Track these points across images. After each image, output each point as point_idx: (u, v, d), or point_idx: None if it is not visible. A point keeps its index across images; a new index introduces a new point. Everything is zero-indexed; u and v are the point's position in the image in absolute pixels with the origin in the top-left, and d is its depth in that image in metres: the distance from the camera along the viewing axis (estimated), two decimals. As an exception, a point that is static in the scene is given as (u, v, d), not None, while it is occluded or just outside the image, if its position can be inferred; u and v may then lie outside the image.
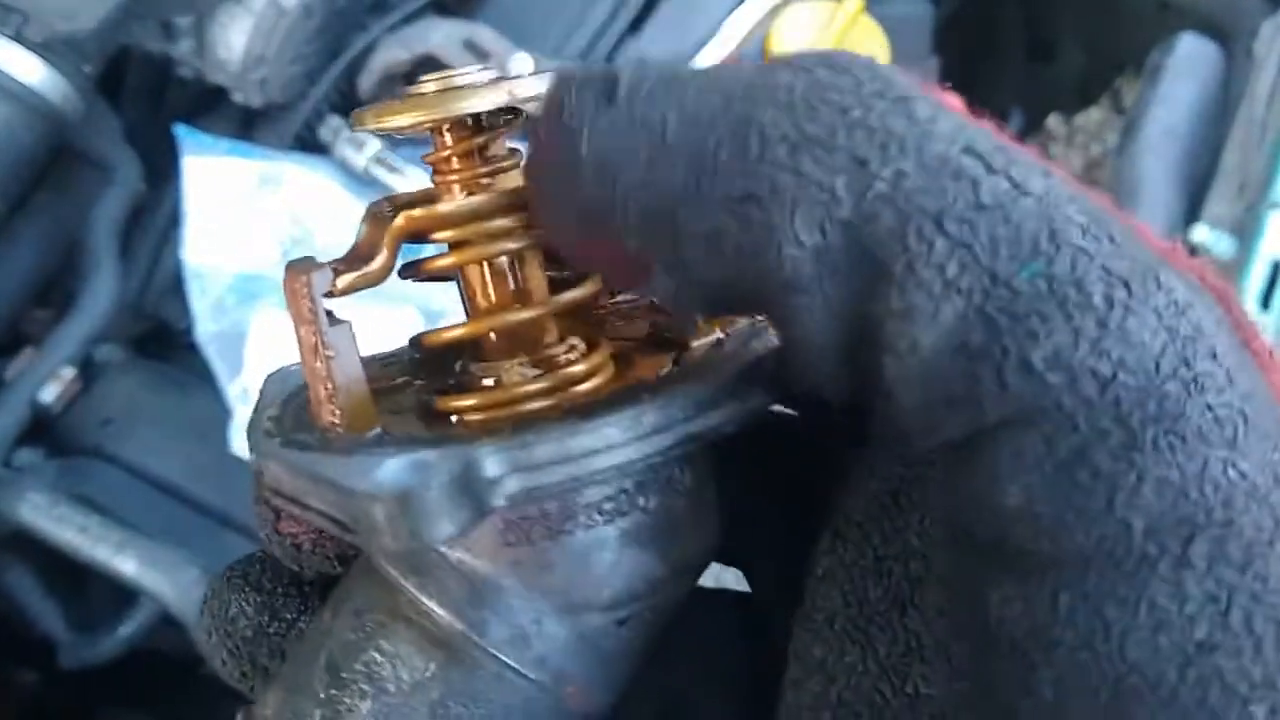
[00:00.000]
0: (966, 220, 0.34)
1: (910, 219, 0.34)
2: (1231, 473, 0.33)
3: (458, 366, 0.48)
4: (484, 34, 2.09)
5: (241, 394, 1.93)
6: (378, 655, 0.45)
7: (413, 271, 0.47)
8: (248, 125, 2.16)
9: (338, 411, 0.43)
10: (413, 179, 2.05)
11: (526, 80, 0.43)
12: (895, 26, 2.26)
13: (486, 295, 0.46)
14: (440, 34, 2.11)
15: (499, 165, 0.46)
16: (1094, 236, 0.34)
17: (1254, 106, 1.95)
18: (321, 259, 0.45)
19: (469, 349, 0.48)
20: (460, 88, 0.44)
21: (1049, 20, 2.90)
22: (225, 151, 2.06)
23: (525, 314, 0.46)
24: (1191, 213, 1.97)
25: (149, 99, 2.19)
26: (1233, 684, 0.33)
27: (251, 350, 1.94)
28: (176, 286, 2.02)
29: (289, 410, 0.47)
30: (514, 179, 0.46)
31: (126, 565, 1.87)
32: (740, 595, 0.54)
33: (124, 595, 1.92)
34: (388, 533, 0.38)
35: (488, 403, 0.45)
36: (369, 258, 0.44)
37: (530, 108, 0.44)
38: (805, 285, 0.35)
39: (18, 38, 1.87)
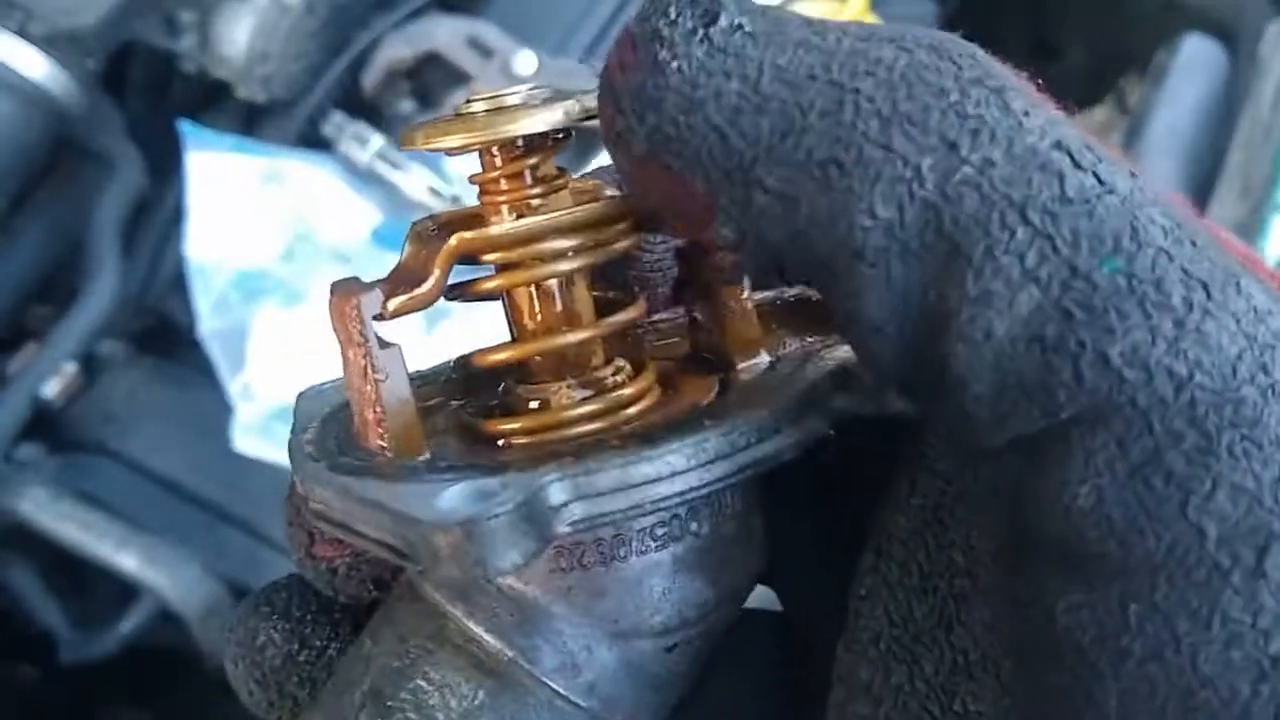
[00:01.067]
0: (1050, 212, 0.34)
1: (994, 206, 0.34)
2: None
3: (501, 387, 0.48)
4: (488, 31, 2.09)
5: (243, 391, 1.93)
6: (424, 683, 0.44)
7: (459, 293, 0.46)
8: (251, 121, 2.16)
9: (386, 435, 0.43)
10: (416, 176, 2.04)
11: (580, 99, 0.43)
12: (899, 26, 2.25)
13: (534, 316, 0.46)
14: (444, 31, 2.11)
15: (550, 185, 0.45)
16: (1176, 239, 0.34)
17: (1258, 108, 1.95)
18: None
19: (514, 370, 0.47)
20: (511, 108, 0.43)
21: (1053, 19, 2.89)
22: (229, 148, 2.06)
23: (574, 337, 0.46)
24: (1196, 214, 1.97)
25: (152, 94, 2.19)
26: None
27: (253, 347, 1.94)
28: (179, 282, 2.01)
29: (329, 432, 0.46)
30: (564, 199, 0.46)
31: (127, 561, 1.87)
32: (779, 615, 0.54)
33: (124, 591, 1.92)
34: (451, 563, 0.38)
35: (536, 426, 0.45)
36: (418, 279, 0.43)
37: (584, 126, 0.44)
38: (873, 257, 0.35)
39: (21, 33, 1.87)
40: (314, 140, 2.14)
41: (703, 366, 0.48)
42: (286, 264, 1.99)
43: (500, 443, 0.45)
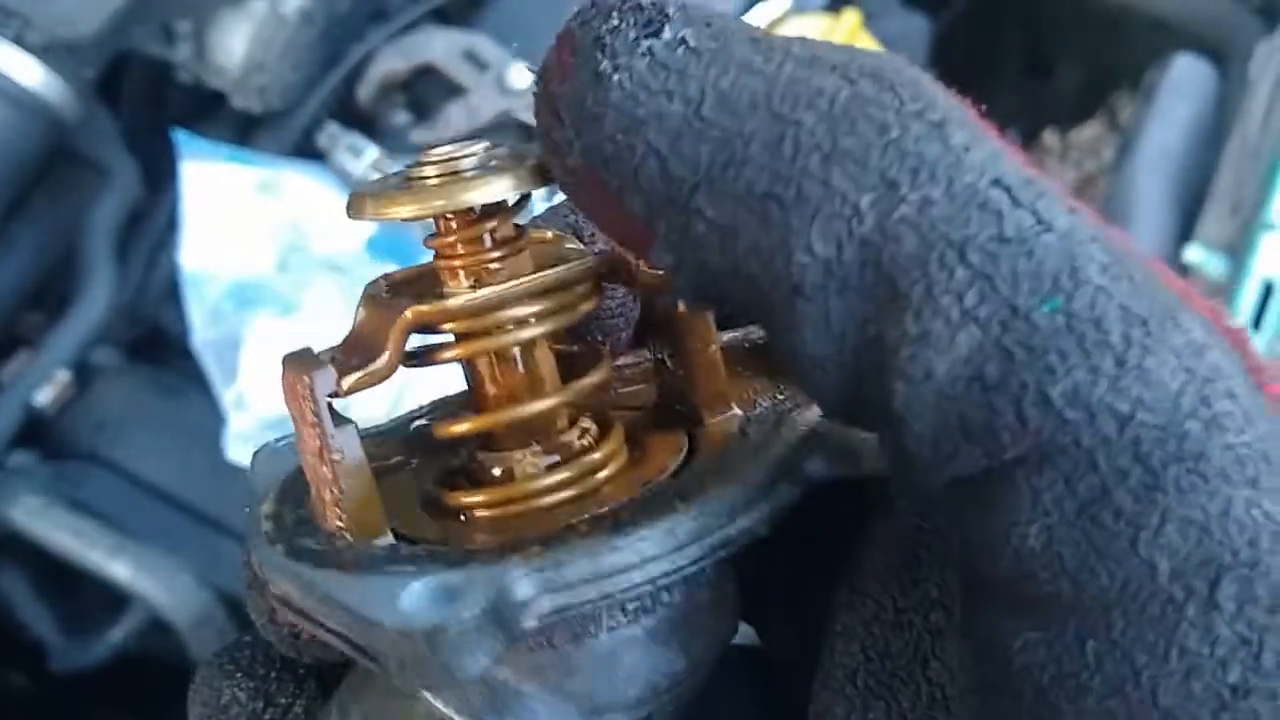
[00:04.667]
0: (989, 252, 0.33)
1: (933, 245, 0.33)
2: (1256, 512, 0.32)
3: (464, 453, 0.46)
4: (483, 44, 2.10)
5: (236, 401, 1.93)
6: None
7: (418, 361, 0.44)
8: (246, 131, 2.16)
9: (344, 516, 0.41)
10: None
11: (534, 163, 0.41)
12: (892, 42, 2.27)
13: (495, 383, 0.44)
14: (439, 44, 2.11)
15: (509, 247, 0.43)
16: (1114, 276, 0.33)
17: (1248, 128, 1.96)
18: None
19: (477, 434, 0.45)
20: (464, 175, 0.41)
21: (1047, 37, 2.91)
22: (224, 157, 2.06)
23: (538, 406, 0.44)
24: (1185, 232, 1.98)
25: (148, 104, 2.19)
26: None
27: (247, 357, 1.94)
28: (173, 291, 2.02)
29: (288, 504, 0.44)
30: (524, 261, 0.44)
31: (119, 569, 1.87)
32: (754, 651, 0.52)
33: (115, 599, 1.92)
34: (415, 671, 0.36)
35: (501, 499, 0.43)
36: (372, 352, 0.41)
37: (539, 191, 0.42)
38: (810, 293, 0.35)
39: (18, 41, 1.87)
40: (309, 151, 2.14)
41: (670, 418, 0.46)
42: (280, 274, 1.99)
43: (463, 517, 0.43)
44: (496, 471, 0.44)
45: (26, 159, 1.95)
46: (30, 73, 1.88)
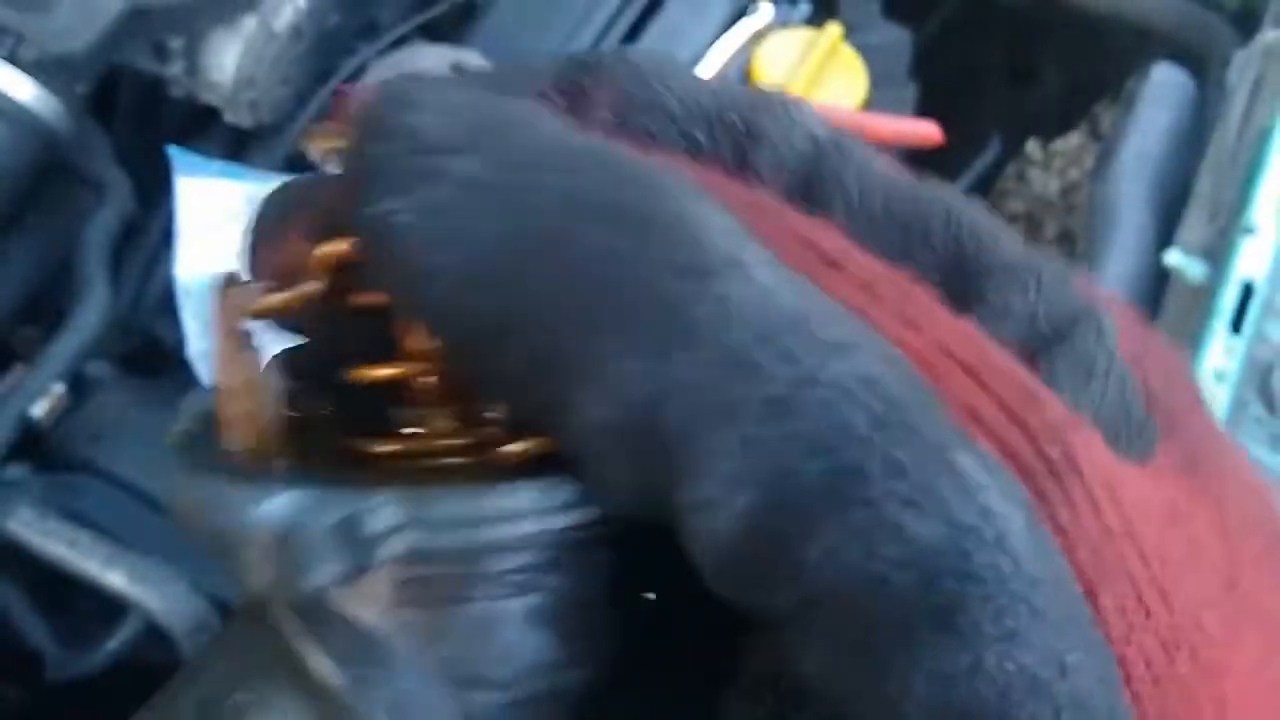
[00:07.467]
0: (756, 416, 0.33)
1: (702, 411, 0.33)
2: (1010, 666, 0.31)
3: (386, 408, 0.44)
4: (472, 59, 2.12)
5: (231, 410, 1.93)
6: (248, 696, 0.40)
7: (344, 297, 0.43)
8: (239, 146, 2.18)
9: (248, 436, 0.40)
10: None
11: None
12: (874, 54, 2.29)
13: (419, 336, 0.43)
14: (429, 59, 2.13)
15: None
16: (883, 423, 0.32)
17: (1227, 134, 1.99)
18: None
19: (400, 390, 0.44)
20: None
21: (1030, 46, 2.93)
22: (217, 173, 2.07)
23: None
24: (1165, 237, 2.00)
25: (140, 119, 2.20)
26: None
27: (241, 367, 1.95)
28: (168, 304, 2.03)
29: (204, 424, 0.43)
30: None
31: (115, 579, 1.87)
32: None
33: (112, 608, 1.92)
34: (256, 573, 0.35)
35: (406, 450, 0.42)
36: (300, 279, 0.41)
37: None
38: (595, 455, 0.35)
39: (11, 58, 1.88)
40: (300, 164, 2.15)
41: None
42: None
43: (367, 463, 0.42)
44: (408, 427, 0.43)
45: (20, 174, 1.96)
46: (23, 89, 1.89)
